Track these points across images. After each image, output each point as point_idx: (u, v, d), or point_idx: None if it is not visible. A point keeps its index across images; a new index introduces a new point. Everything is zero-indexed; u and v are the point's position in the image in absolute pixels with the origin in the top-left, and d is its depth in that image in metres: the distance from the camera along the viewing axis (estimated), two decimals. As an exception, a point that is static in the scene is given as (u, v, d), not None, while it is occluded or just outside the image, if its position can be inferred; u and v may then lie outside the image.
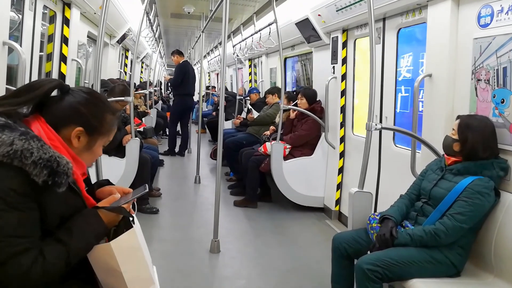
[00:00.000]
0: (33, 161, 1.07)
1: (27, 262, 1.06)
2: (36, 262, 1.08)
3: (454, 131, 2.15)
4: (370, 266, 1.95)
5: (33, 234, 1.10)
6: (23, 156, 1.06)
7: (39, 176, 1.07)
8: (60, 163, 1.11)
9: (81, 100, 1.24)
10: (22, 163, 1.06)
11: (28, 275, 1.06)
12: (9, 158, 1.06)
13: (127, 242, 1.22)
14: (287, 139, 4.50)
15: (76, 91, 1.27)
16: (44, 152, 1.09)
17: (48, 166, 1.09)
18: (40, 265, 1.08)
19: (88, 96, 1.26)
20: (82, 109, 1.23)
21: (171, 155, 7.20)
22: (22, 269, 1.06)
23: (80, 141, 1.23)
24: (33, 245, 1.09)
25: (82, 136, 1.23)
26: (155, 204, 4.33)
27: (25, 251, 1.07)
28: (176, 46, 11.51)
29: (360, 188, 2.46)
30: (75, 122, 1.22)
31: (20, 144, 1.07)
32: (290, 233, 3.80)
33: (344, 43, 4.05)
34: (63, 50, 3.64)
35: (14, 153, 1.06)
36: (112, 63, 6.69)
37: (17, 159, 1.06)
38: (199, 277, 2.88)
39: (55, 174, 1.10)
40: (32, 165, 1.07)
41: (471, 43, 2.35)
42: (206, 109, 10.88)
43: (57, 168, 1.10)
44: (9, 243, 1.05)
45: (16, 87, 2.61)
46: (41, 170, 1.08)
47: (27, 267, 1.06)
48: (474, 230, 2.04)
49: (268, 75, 7.49)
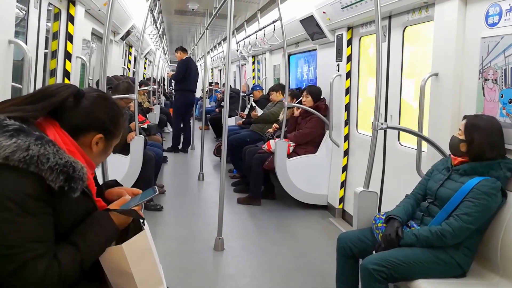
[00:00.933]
0: (49, 166, 1.06)
1: (43, 267, 1.06)
2: (51, 266, 1.08)
3: (460, 131, 2.14)
4: (375, 266, 1.95)
5: (48, 239, 1.10)
6: (39, 162, 1.05)
7: (56, 181, 1.07)
8: (75, 169, 1.11)
9: (98, 106, 1.25)
10: (38, 169, 1.05)
11: (44, 280, 1.06)
12: (25, 164, 1.04)
13: (138, 244, 1.23)
14: (291, 136, 4.49)
15: (90, 96, 1.25)
16: (60, 158, 1.09)
17: (65, 171, 1.08)
18: (55, 269, 1.08)
19: (103, 101, 1.27)
20: (101, 115, 1.24)
21: (175, 152, 7.21)
22: (38, 274, 1.05)
23: (98, 147, 1.25)
24: (48, 250, 1.09)
25: (100, 142, 1.25)
26: (159, 201, 4.34)
27: (41, 256, 1.06)
28: (180, 42, 11.49)
29: (366, 188, 2.46)
30: (95, 129, 1.23)
31: (36, 150, 1.06)
32: (293, 231, 3.80)
33: (349, 41, 4.03)
34: (68, 48, 3.64)
35: (30, 158, 1.05)
36: (115, 59, 6.69)
37: (33, 164, 1.05)
38: (203, 275, 2.89)
39: (71, 180, 1.09)
40: (48, 170, 1.06)
41: (478, 42, 2.33)
42: (209, 106, 10.88)
43: (73, 174, 1.10)
44: (25, 249, 1.04)
45: (22, 85, 2.62)
46: (57, 176, 1.07)
47: (43, 272, 1.06)
48: (481, 231, 2.03)
49: (271, 72, 7.47)
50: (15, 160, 1.04)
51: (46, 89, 1.20)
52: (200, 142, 5.87)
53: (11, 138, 1.05)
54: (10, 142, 1.04)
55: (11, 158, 1.04)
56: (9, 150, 1.04)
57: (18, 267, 1.04)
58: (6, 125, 1.07)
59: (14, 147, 1.04)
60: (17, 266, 1.04)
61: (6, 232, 1.02)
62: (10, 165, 1.04)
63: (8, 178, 1.04)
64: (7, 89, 2.54)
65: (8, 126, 1.07)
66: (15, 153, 1.04)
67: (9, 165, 1.04)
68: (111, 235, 1.22)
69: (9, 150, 1.04)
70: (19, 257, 1.04)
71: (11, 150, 1.04)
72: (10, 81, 2.58)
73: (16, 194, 1.04)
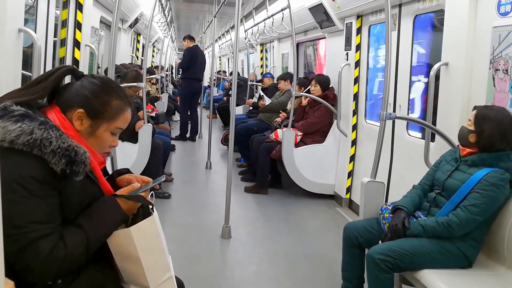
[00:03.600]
0: (52, 150, 1.09)
1: (48, 247, 1.09)
2: (57, 247, 1.10)
3: (470, 122, 2.12)
4: (381, 256, 1.95)
5: (53, 220, 1.13)
6: (42, 145, 1.09)
7: (58, 164, 1.10)
8: (78, 152, 1.14)
9: (87, 84, 1.25)
10: (41, 152, 1.09)
11: (49, 260, 1.09)
12: (29, 147, 1.08)
13: (147, 229, 1.24)
14: (299, 126, 4.48)
15: (88, 77, 1.28)
16: (63, 142, 1.12)
17: (67, 155, 1.11)
18: (61, 250, 1.11)
19: (96, 81, 1.27)
20: (85, 91, 1.24)
21: (183, 140, 7.25)
22: (43, 254, 1.08)
23: (82, 124, 1.23)
24: (53, 231, 1.11)
25: (84, 119, 1.23)
26: (167, 189, 4.39)
27: (46, 236, 1.09)
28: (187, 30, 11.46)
29: (373, 178, 2.46)
30: (77, 104, 1.22)
31: (39, 133, 1.09)
32: (300, 220, 3.82)
33: (358, 29, 3.98)
34: (77, 36, 3.64)
35: (33, 142, 1.08)
36: (124, 47, 6.69)
37: (36, 147, 1.09)
38: (210, 262, 2.93)
39: (73, 163, 1.12)
40: (51, 153, 1.09)
41: (490, 32, 2.30)
42: (217, 94, 10.87)
43: (75, 157, 1.13)
44: (30, 229, 1.07)
45: (31, 73, 2.64)
46: (59, 159, 1.10)
47: (49, 252, 1.08)
48: (488, 222, 2.02)
49: (280, 61, 7.43)
50: (20, 144, 1.08)
51: (46, 72, 1.25)
52: (208, 131, 5.88)
53: (16, 123, 1.09)
54: (15, 127, 1.08)
55: (16, 142, 1.08)
56: (14, 134, 1.08)
57: (24, 247, 1.07)
58: (12, 111, 1.11)
59: (19, 131, 1.08)
60: (23, 245, 1.06)
61: (12, 213, 1.05)
62: (15, 148, 1.08)
63: (13, 161, 1.08)
64: (17, 77, 2.56)
65: (14, 111, 1.11)
66: (20, 137, 1.08)
67: (14, 149, 1.08)
68: (117, 220, 1.23)
69: (14, 134, 1.08)
70: (24, 237, 1.07)
71: (16, 134, 1.08)
72: (20, 69, 2.60)
73: (21, 176, 1.07)
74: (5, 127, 1.08)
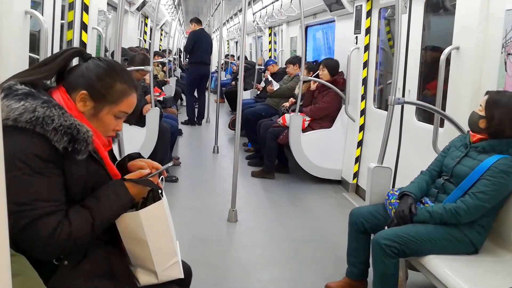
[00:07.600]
0: (54, 127, 1.10)
1: (52, 224, 1.10)
2: (61, 224, 1.11)
3: (481, 107, 2.07)
4: (387, 241, 1.95)
5: (58, 198, 1.14)
6: (44, 123, 1.10)
7: (60, 142, 1.11)
8: (80, 131, 1.14)
9: (93, 66, 1.25)
10: (43, 130, 1.10)
11: (53, 237, 1.10)
12: (31, 125, 1.09)
13: (155, 213, 1.25)
14: (307, 111, 4.45)
15: (95, 60, 1.27)
16: (65, 120, 1.12)
17: (69, 133, 1.12)
18: (65, 228, 1.12)
19: (102, 64, 1.26)
20: (90, 74, 1.23)
21: (191, 125, 7.26)
22: (47, 230, 1.09)
23: (86, 106, 1.22)
24: (58, 209, 1.12)
25: (87, 100, 1.22)
26: (175, 172, 4.41)
27: (50, 213, 1.10)
28: (195, 13, 11.35)
29: (380, 163, 2.44)
30: (81, 86, 1.22)
31: (42, 111, 1.10)
32: (306, 205, 3.83)
33: (368, 12, 3.91)
34: (84, 18, 3.62)
35: (36, 119, 1.09)
36: (131, 30, 6.66)
37: (39, 125, 1.09)
38: (216, 245, 2.95)
39: (75, 141, 1.12)
40: (53, 131, 1.10)
41: (503, 15, 2.24)
42: (225, 78, 10.82)
43: (77, 135, 1.13)
44: (35, 206, 1.08)
45: (39, 55, 2.65)
46: (61, 137, 1.11)
47: (53, 229, 1.09)
48: (496, 209, 2.01)
49: (288, 44, 7.35)
50: (23, 122, 1.09)
51: (54, 54, 1.26)
52: (215, 115, 5.88)
53: (20, 101, 1.10)
54: (18, 105, 1.09)
55: (19, 119, 1.09)
56: (17, 112, 1.09)
57: (28, 224, 1.08)
58: (16, 90, 1.12)
59: (22, 109, 1.09)
60: (27, 222, 1.08)
61: (16, 190, 1.06)
62: (18, 126, 1.09)
63: (17, 139, 1.09)
64: (24, 59, 2.57)
65: (18, 90, 1.12)
66: (23, 115, 1.09)
67: (17, 127, 1.09)
68: (125, 203, 1.24)
69: (17, 112, 1.09)
70: (29, 214, 1.08)
71: (19, 112, 1.09)
72: (28, 52, 2.61)
73: (24, 153, 1.09)
74: (9, 105, 1.09)
